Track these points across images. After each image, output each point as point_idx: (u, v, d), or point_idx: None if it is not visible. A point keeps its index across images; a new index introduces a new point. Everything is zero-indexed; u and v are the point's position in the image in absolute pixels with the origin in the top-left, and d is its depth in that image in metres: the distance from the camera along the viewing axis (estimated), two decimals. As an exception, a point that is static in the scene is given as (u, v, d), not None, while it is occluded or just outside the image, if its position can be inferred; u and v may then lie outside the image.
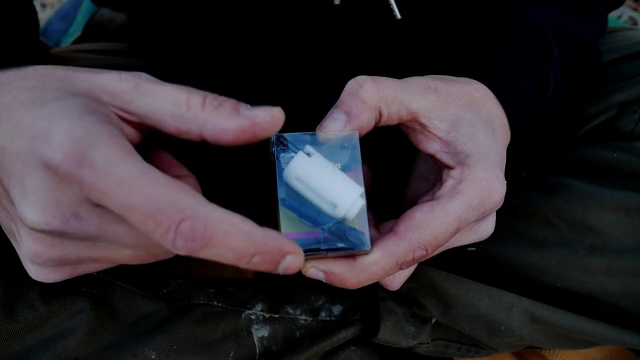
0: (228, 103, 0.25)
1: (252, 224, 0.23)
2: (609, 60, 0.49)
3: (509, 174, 0.35)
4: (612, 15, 1.06)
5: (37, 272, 0.28)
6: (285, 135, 0.30)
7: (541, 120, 0.42)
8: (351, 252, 0.29)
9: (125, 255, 0.27)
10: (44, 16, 1.08)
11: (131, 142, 0.26)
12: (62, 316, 0.36)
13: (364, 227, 0.29)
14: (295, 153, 0.29)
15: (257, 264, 0.23)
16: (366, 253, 0.29)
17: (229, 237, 0.22)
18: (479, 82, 0.36)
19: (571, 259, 0.42)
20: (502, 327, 0.44)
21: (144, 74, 0.26)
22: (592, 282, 0.42)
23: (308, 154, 0.29)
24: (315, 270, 0.30)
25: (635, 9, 1.09)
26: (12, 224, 0.27)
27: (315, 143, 0.30)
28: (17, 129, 0.24)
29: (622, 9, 1.09)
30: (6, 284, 0.35)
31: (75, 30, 0.85)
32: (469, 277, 0.45)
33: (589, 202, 0.42)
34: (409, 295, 0.47)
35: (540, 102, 0.41)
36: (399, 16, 0.40)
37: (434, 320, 0.47)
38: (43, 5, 1.17)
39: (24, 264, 0.28)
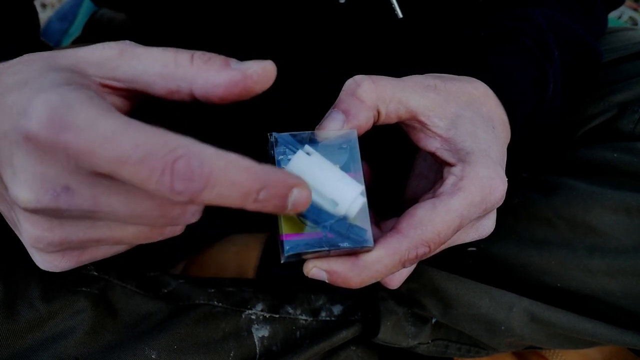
0: (217, 57, 0.25)
1: (250, 160, 0.22)
2: (609, 60, 0.49)
3: (510, 174, 0.35)
4: (612, 15, 1.06)
5: (43, 260, 0.27)
6: (284, 134, 0.30)
7: (541, 120, 0.42)
8: (354, 249, 0.29)
9: (128, 234, 0.26)
10: (44, 16, 1.08)
11: (119, 110, 0.25)
12: (63, 316, 0.36)
13: (365, 224, 0.29)
14: (294, 153, 0.29)
15: (265, 200, 0.22)
16: (369, 250, 0.29)
17: (229, 172, 0.21)
18: (479, 81, 0.36)
19: (571, 259, 0.42)
20: (503, 327, 0.44)
21: (128, 41, 0.26)
22: (593, 282, 0.42)
23: (307, 153, 0.29)
24: (318, 270, 0.29)
25: (635, 9, 1.09)
26: (12, 212, 0.26)
27: (314, 142, 0.30)
28: (2, 112, 0.23)
29: (622, 9, 1.09)
30: (6, 284, 0.35)
31: (76, 30, 0.85)
32: (469, 277, 0.45)
33: (590, 202, 0.42)
34: (409, 295, 0.47)
35: (540, 102, 0.41)
36: (400, 15, 0.40)
37: (434, 320, 0.47)
38: (43, 6, 1.17)
39: (30, 254, 0.28)
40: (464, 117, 0.33)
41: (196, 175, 0.20)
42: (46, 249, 0.26)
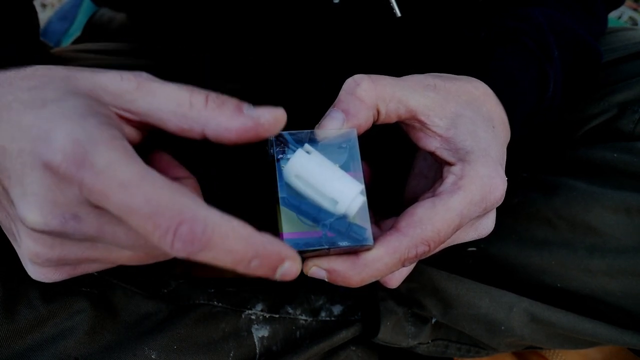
0: (231, 102, 0.25)
1: (250, 228, 0.23)
2: (609, 60, 0.49)
3: (510, 174, 0.35)
4: (612, 15, 1.06)
5: (37, 272, 0.28)
6: (284, 133, 0.30)
7: (541, 119, 0.42)
8: (353, 248, 0.29)
9: (124, 256, 0.27)
10: (44, 16, 1.08)
11: (131, 142, 0.26)
12: (63, 316, 0.36)
13: (365, 222, 0.29)
14: (294, 151, 0.29)
15: (255, 268, 0.23)
16: (369, 248, 0.29)
17: (228, 240, 0.22)
18: (478, 80, 0.36)
19: (571, 259, 0.42)
20: (503, 327, 0.44)
21: (144, 73, 0.26)
22: (593, 282, 0.42)
23: (307, 152, 0.29)
24: (318, 269, 0.29)
25: (635, 9, 1.09)
26: (12, 224, 0.27)
27: (313, 142, 0.30)
28: (17, 129, 0.24)
29: (622, 9, 1.09)
30: (6, 284, 0.35)
31: (76, 30, 0.85)
32: (469, 277, 0.45)
33: (590, 202, 0.42)
34: (409, 295, 0.47)
35: (540, 102, 0.41)
36: (398, 14, 0.40)
37: (434, 320, 0.47)
38: (43, 6, 1.17)
39: (23, 264, 0.28)
40: (463, 117, 0.33)
41: (196, 239, 0.22)
42: (43, 264, 0.26)
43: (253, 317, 0.44)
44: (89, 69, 0.27)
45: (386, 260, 0.29)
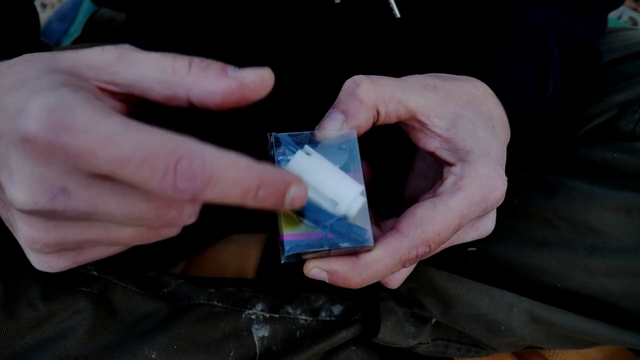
0: (215, 65, 0.25)
1: (249, 159, 0.22)
2: (609, 60, 0.49)
3: (510, 174, 0.35)
4: (612, 15, 1.06)
5: (39, 261, 0.27)
6: (283, 135, 0.30)
7: (541, 119, 0.42)
8: (354, 249, 0.29)
9: (125, 235, 0.26)
10: (44, 16, 1.08)
11: None
12: (63, 315, 0.36)
13: (365, 223, 0.29)
14: (294, 153, 0.29)
15: (264, 198, 0.22)
16: (369, 249, 0.29)
17: (230, 171, 0.21)
18: (478, 80, 0.36)
19: (571, 259, 0.42)
20: (503, 327, 0.44)
21: (127, 45, 0.26)
22: (593, 282, 0.42)
23: (307, 154, 0.29)
24: (319, 270, 0.29)
25: (635, 9, 1.09)
26: (8, 212, 0.26)
27: (313, 143, 0.30)
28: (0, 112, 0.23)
29: (622, 9, 1.09)
30: (6, 284, 0.35)
31: (76, 30, 0.85)
32: (469, 277, 0.45)
33: (590, 202, 0.42)
34: (409, 295, 0.47)
35: (540, 102, 0.41)
36: (398, 15, 0.40)
37: (434, 320, 0.47)
38: (43, 5, 1.17)
39: (26, 255, 0.28)
40: (463, 117, 0.33)
41: (198, 174, 0.20)
42: (42, 250, 0.25)
43: (253, 317, 0.44)
44: (72, 49, 0.26)
45: (387, 261, 0.29)
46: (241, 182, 0.21)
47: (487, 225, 0.34)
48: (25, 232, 0.25)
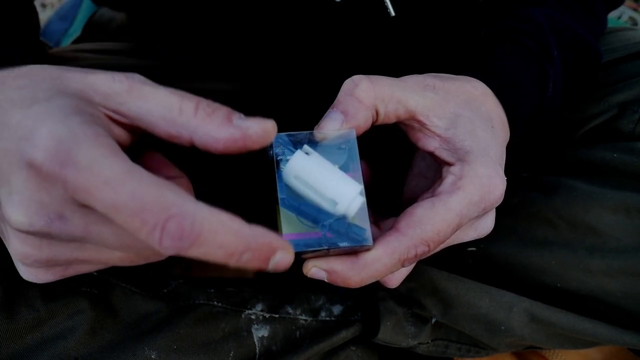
0: (221, 111, 0.25)
1: (240, 221, 0.22)
2: (609, 60, 0.49)
3: (510, 174, 0.35)
4: (612, 15, 1.06)
5: (28, 273, 0.27)
6: (282, 135, 0.30)
7: (541, 119, 0.42)
8: (353, 248, 0.29)
9: (114, 257, 0.27)
10: (44, 16, 1.08)
11: (122, 143, 0.26)
12: (62, 316, 0.36)
13: (364, 223, 0.29)
14: (293, 152, 0.29)
15: (247, 261, 0.23)
16: (368, 249, 0.29)
17: (217, 234, 0.22)
18: (477, 80, 0.36)
19: (571, 259, 0.42)
20: (503, 327, 0.44)
21: (137, 75, 0.26)
22: (593, 282, 0.42)
23: (306, 153, 0.29)
24: (318, 269, 0.29)
25: (635, 9, 1.09)
26: (2, 224, 0.27)
27: (313, 142, 0.30)
28: (4, 128, 0.24)
29: (622, 9, 1.09)
30: (6, 284, 0.35)
31: (75, 30, 0.85)
32: (469, 277, 0.45)
33: (590, 202, 0.42)
34: (409, 295, 0.47)
35: (540, 102, 0.41)
36: (393, 13, 0.40)
37: (434, 320, 0.47)
38: (43, 6, 1.17)
39: (15, 265, 0.28)
40: (463, 117, 0.33)
41: (185, 235, 0.21)
42: (32, 265, 0.26)
43: (253, 317, 0.44)
44: (82, 69, 0.26)
45: (385, 261, 0.29)
46: (227, 246, 0.22)
47: (486, 225, 0.34)
48: (17, 248, 0.25)
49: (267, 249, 0.23)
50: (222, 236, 0.22)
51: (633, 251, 0.40)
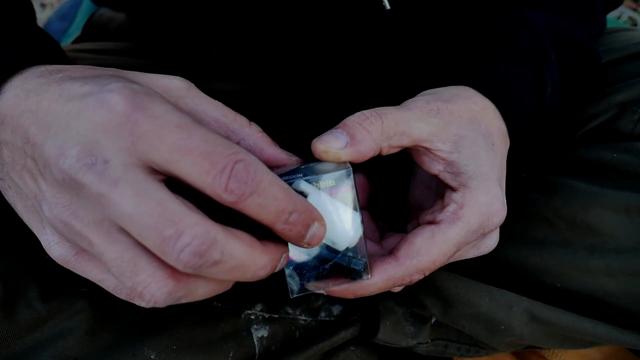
0: (268, 137, 0.28)
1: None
2: (608, 60, 0.49)
3: (509, 174, 0.35)
4: (612, 15, 1.06)
5: (52, 236, 0.27)
6: (279, 171, 0.29)
7: (540, 122, 0.42)
8: (353, 282, 0.31)
9: (114, 256, 0.25)
10: (43, 16, 1.08)
11: None
12: (62, 316, 0.36)
13: (363, 255, 0.30)
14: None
15: (293, 224, 0.24)
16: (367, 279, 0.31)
17: (274, 187, 0.23)
18: (477, 94, 0.36)
19: (571, 259, 0.42)
20: (502, 327, 0.44)
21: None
22: (592, 282, 0.42)
23: (303, 192, 0.29)
24: (317, 289, 0.31)
25: (634, 9, 1.09)
26: (33, 183, 0.26)
27: (308, 173, 0.29)
28: (86, 80, 0.25)
29: (621, 9, 1.09)
30: (5, 284, 0.35)
31: (75, 30, 0.85)
32: (469, 276, 0.45)
33: (589, 202, 0.42)
34: (408, 294, 0.47)
35: (539, 105, 0.41)
36: (388, 7, 0.40)
37: (433, 320, 0.47)
38: (43, 5, 1.17)
39: (40, 234, 0.27)
40: (466, 138, 0.33)
41: (250, 179, 0.22)
42: (53, 221, 0.25)
43: (252, 317, 0.44)
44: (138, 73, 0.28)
45: (380, 285, 0.31)
46: (280, 200, 0.23)
47: (488, 245, 0.36)
48: (50, 202, 0.25)
49: (310, 214, 0.25)
50: (277, 190, 0.23)
51: (633, 251, 0.40)
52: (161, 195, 0.22)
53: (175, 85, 0.27)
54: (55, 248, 0.27)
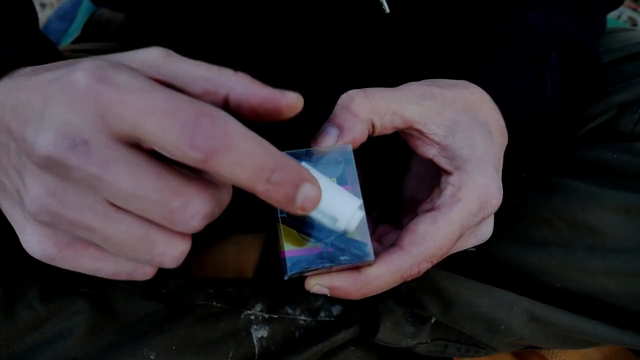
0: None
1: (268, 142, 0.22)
2: (608, 60, 0.49)
3: (509, 174, 0.35)
4: (612, 15, 1.06)
5: (32, 234, 0.26)
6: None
7: (540, 122, 0.42)
8: (355, 264, 0.29)
9: (117, 237, 0.24)
10: (43, 16, 1.08)
11: None
12: (61, 316, 0.36)
13: (365, 238, 0.29)
14: None
15: (277, 184, 0.22)
16: (370, 264, 0.30)
17: (249, 142, 0.21)
18: (475, 86, 0.36)
19: (571, 260, 0.42)
20: (502, 327, 0.44)
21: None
22: (592, 282, 0.42)
23: None
24: (320, 287, 0.30)
25: (634, 9, 1.09)
26: (19, 175, 0.25)
27: (309, 158, 0.30)
28: (51, 69, 0.25)
29: (621, 9, 1.09)
30: (5, 285, 0.35)
31: (75, 30, 0.85)
32: (469, 277, 0.45)
33: (589, 202, 0.42)
34: (408, 294, 0.47)
35: (539, 105, 0.41)
36: (387, 10, 0.40)
37: (433, 320, 0.47)
38: (42, 5, 1.17)
39: (20, 234, 0.27)
40: (461, 123, 0.33)
41: (217, 133, 0.20)
42: (39, 215, 0.24)
43: (252, 317, 0.44)
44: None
45: (387, 278, 0.30)
46: (257, 157, 0.21)
47: (485, 231, 0.35)
48: (32, 188, 0.24)
49: (297, 174, 0.22)
50: (253, 146, 0.21)
51: (633, 251, 0.40)
52: (156, 168, 0.22)
53: (152, 54, 0.26)
54: (36, 247, 0.26)
